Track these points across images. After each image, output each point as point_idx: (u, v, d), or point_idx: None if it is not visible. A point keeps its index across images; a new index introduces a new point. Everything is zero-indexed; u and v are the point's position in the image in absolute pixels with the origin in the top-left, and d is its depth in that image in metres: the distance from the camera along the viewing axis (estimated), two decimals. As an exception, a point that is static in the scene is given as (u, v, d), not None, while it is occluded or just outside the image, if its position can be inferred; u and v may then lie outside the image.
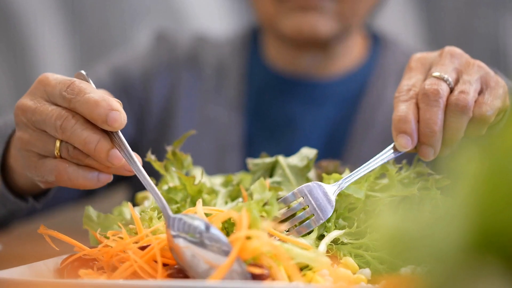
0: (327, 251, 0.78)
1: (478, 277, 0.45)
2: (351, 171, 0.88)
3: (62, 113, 0.81)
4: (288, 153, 0.97)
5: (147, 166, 0.97)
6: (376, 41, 1.57)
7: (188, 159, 0.92)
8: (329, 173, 0.91)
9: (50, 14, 2.37)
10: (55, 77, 0.84)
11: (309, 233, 0.81)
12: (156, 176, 0.93)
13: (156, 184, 0.90)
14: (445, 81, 0.85)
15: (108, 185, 1.48)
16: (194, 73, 1.55)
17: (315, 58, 1.49)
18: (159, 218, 0.81)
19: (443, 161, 0.86)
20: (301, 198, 0.82)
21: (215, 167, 1.42)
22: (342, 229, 0.81)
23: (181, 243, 0.71)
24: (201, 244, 0.71)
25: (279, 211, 0.80)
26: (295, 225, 0.82)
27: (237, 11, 2.43)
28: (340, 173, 0.88)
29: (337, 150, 1.46)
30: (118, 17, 2.40)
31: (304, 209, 0.82)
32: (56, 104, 0.82)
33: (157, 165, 0.90)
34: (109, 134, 0.81)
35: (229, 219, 0.77)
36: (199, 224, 0.72)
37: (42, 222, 0.82)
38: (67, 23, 2.38)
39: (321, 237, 0.80)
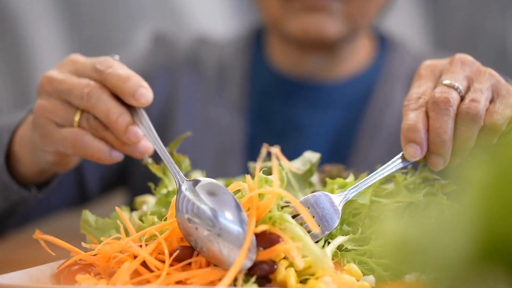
0: (332, 258, 0.78)
1: (484, 284, 0.45)
2: (355, 175, 0.88)
3: (91, 82, 0.88)
4: (292, 157, 0.97)
5: (145, 171, 0.97)
6: (383, 43, 1.57)
7: (186, 161, 0.92)
8: (332, 177, 0.91)
9: (47, 15, 2.38)
10: (85, 57, 0.93)
11: (316, 242, 0.80)
12: (154, 180, 0.93)
13: (154, 189, 0.91)
14: (456, 89, 0.85)
15: (105, 189, 1.48)
16: (195, 75, 1.54)
17: (321, 60, 1.49)
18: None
19: (450, 167, 0.86)
20: (307, 208, 0.82)
21: (216, 171, 1.42)
22: (346, 235, 0.81)
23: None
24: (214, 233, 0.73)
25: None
26: None
27: (240, 12, 2.43)
28: (344, 178, 0.88)
29: (343, 154, 1.46)
30: (117, 18, 2.40)
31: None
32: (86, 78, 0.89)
33: (155, 168, 0.91)
34: (132, 112, 0.88)
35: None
36: (206, 209, 0.74)
37: (39, 228, 0.83)
38: (65, 24, 2.38)
39: (326, 243, 0.80)
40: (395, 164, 0.86)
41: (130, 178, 1.50)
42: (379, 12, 1.48)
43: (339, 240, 0.80)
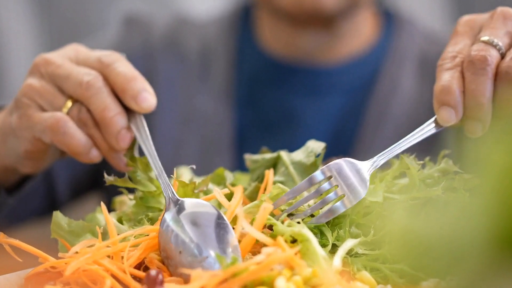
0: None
1: (507, 279, 0.45)
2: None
3: (93, 72, 0.90)
4: (288, 151, 0.97)
5: (121, 172, 0.98)
6: (389, 19, 1.57)
7: None
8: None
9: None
10: (88, 48, 0.96)
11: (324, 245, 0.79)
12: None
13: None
14: (495, 46, 0.85)
15: (77, 193, 1.47)
16: (175, 60, 1.54)
17: (318, 38, 1.49)
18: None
19: (470, 155, 0.86)
20: (331, 176, 0.82)
21: (202, 166, 1.41)
22: (356, 238, 0.80)
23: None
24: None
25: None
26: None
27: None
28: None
29: (344, 147, 1.46)
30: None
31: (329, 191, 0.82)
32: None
33: (121, 182, 0.89)
34: (129, 117, 0.91)
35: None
36: (190, 243, 0.76)
37: (6, 233, 0.83)
38: (35, 6, 2.37)
39: (332, 246, 0.79)
40: (427, 129, 0.86)
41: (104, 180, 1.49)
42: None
43: (349, 244, 0.79)
